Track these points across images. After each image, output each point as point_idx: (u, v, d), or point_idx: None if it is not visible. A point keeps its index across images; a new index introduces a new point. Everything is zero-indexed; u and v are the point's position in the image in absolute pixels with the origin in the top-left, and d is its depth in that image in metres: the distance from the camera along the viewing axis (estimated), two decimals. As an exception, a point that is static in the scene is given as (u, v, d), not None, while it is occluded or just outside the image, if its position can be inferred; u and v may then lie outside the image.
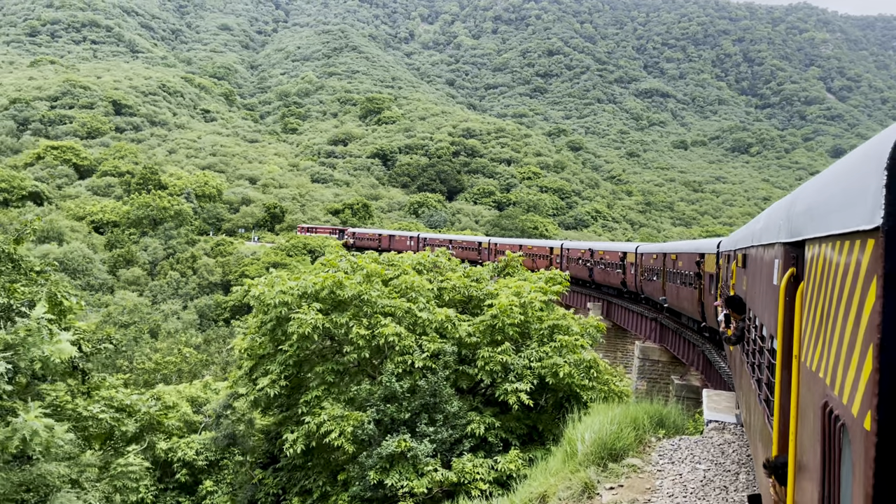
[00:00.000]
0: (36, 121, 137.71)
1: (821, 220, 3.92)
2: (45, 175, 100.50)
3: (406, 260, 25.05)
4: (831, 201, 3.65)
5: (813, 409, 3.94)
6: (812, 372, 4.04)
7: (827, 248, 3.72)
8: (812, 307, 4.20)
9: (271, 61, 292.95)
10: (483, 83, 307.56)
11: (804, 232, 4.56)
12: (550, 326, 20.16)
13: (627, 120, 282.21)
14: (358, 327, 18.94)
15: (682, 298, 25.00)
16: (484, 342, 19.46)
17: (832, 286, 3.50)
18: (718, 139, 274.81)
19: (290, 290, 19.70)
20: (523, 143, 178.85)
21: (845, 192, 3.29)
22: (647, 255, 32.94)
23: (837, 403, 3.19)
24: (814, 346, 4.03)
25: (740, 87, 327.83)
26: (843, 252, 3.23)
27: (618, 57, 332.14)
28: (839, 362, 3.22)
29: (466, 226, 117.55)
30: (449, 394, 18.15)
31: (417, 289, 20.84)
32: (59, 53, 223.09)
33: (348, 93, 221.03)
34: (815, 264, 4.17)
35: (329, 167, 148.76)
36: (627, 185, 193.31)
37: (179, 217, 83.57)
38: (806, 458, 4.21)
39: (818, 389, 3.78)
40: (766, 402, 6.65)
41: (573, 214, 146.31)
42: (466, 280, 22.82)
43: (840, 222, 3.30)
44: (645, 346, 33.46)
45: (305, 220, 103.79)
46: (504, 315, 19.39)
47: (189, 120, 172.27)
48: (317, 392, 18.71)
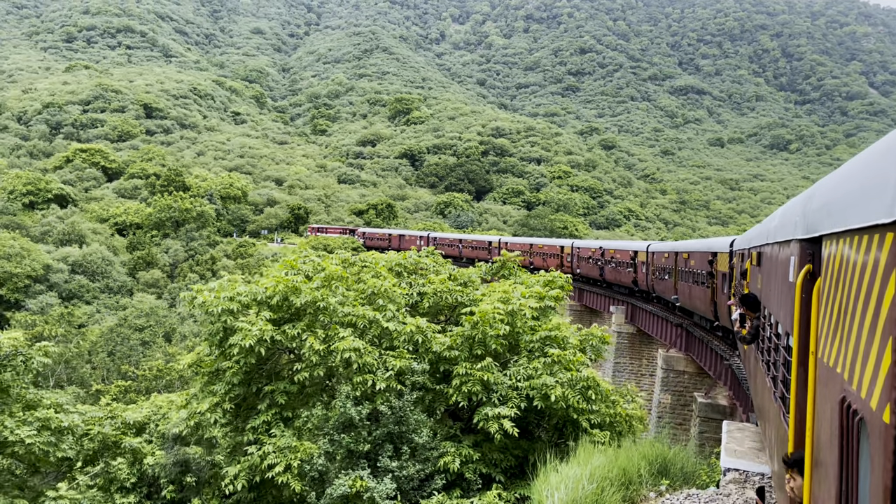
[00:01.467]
0: (68, 125, 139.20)
1: (839, 216, 3.88)
2: (73, 178, 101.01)
3: (382, 261, 22.22)
4: (850, 196, 3.59)
5: (830, 405, 3.93)
6: (829, 367, 4.04)
7: (845, 244, 3.72)
8: (829, 303, 4.20)
9: (302, 64, 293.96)
10: (514, 83, 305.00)
11: (821, 228, 4.52)
12: (542, 338, 17.34)
13: (662, 118, 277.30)
14: (312, 340, 16.09)
15: (695, 297, 24.78)
16: (462, 357, 16.66)
17: (850, 281, 3.48)
18: (756, 136, 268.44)
19: (238, 297, 16.91)
20: (553, 141, 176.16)
21: (864, 187, 3.25)
22: (658, 254, 32.56)
23: (856, 398, 3.20)
24: (831, 341, 4.03)
25: (779, 82, 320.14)
26: (862, 247, 3.23)
27: (652, 54, 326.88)
28: (857, 357, 3.22)
29: (494, 226, 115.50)
30: (419, 420, 15.34)
31: (386, 295, 18.08)
32: (94, 59, 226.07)
33: (378, 94, 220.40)
34: (832, 260, 4.16)
35: (357, 168, 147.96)
36: (661, 183, 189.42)
37: (201, 219, 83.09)
38: (823, 453, 4.19)
39: (836, 385, 3.78)
40: (782, 400, 6.64)
41: (605, 214, 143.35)
42: (451, 284, 19.78)
43: (859, 217, 3.27)
44: (669, 355, 30.59)
45: (329, 220, 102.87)
46: (486, 325, 16.63)
47: (219, 122, 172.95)
48: (266, 416, 15.97)
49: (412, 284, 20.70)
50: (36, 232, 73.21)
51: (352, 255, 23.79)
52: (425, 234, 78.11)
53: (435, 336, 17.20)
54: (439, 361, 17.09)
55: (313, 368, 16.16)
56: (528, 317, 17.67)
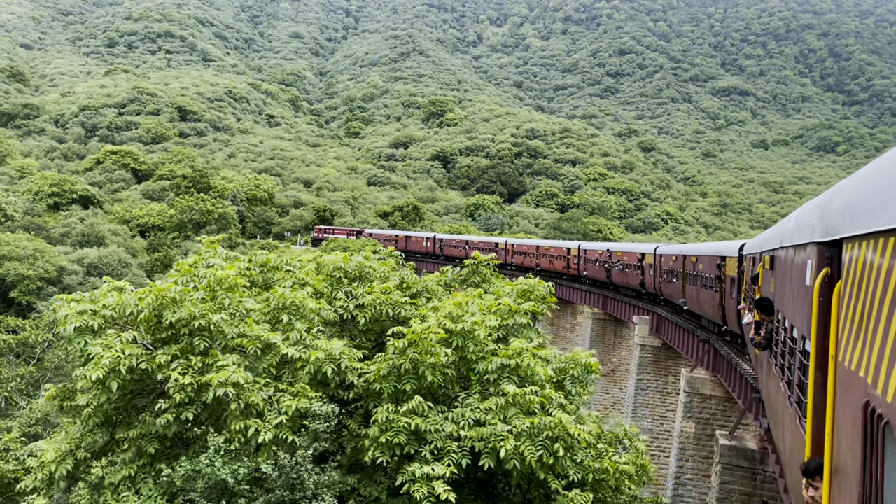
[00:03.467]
0: (103, 127, 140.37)
1: (862, 218, 3.83)
2: (102, 179, 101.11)
3: (315, 262, 18.18)
4: (874, 198, 3.51)
5: (852, 409, 3.87)
6: (851, 371, 3.97)
7: (868, 247, 3.65)
8: (851, 306, 4.14)
9: (339, 67, 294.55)
10: (552, 84, 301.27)
11: (842, 230, 4.49)
12: (499, 368, 13.22)
13: (703, 119, 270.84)
14: (176, 372, 12.08)
15: (703, 301, 24.28)
16: (387, 394, 12.87)
17: (874, 284, 3.41)
18: (802, 138, 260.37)
19: (102, 311, 12.87)
20: (590, 143, 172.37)
21: (890, 188, 3.16)
22: (666, 257, 32.06)
23: (881, 402, 3.11)
24: (853, 345, 3.98)
25: (826, 83, 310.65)
26: (888, 249, 3.15)
27: (693, 55, 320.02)
28: (883, 360, 3.13)
29: (525, 229, 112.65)
30: (321, 483, 11.61)
31: (295, 309, 14.14)
32: (134, 63, 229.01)
33: (413, 96, 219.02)
34: (854, 263, 4.10)
35: (388, 170, 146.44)
36: (702, 186, 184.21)
37: (223, 220, 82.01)
38: (844, 458, 4.12)
39: (859, 389, 3.71)
40: (798, 405, 6.57)
41: (641, 217, 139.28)
42: (396, 294, 15.54)
43: (885, 218, 3.21)
44: (693, 375, 26.77)
45: (355, 222, 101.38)
46: (421, 350, 12.62)
47: (253, 125, 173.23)
48: (127, 470, 12.18)
49: (351, 295, 16.63)
50: (56, 233, 72.81)
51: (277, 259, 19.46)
52: (432, 236, 78.55)
53: (353, 365, 13.26)
54: (368, 398, 13.55)
55: (179, 410, 12.17)
56: (483, 338, 13.73)
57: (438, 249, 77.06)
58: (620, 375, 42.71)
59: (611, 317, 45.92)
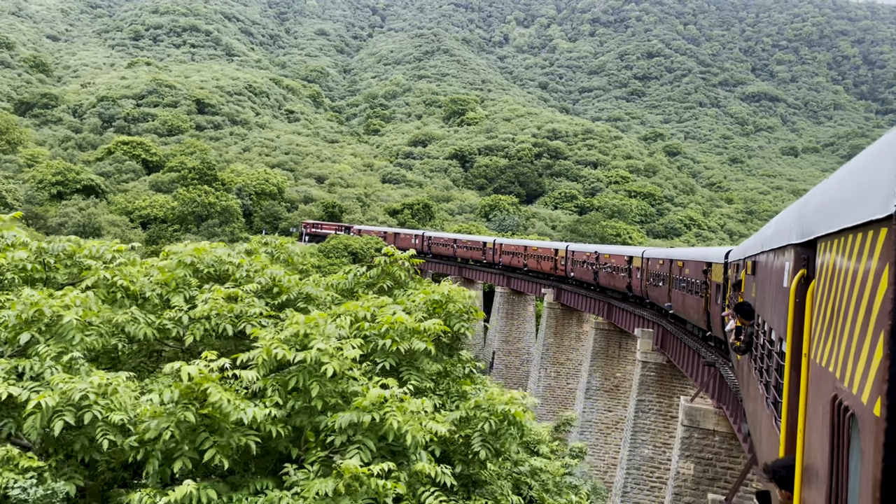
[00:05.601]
0: (120, 118, 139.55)
1: (834, 216, 3.94)
2: (111, 170, 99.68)
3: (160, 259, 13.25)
4: (845, 196, 3.67)
5: (822, 404, 3.94)
6: (821, 367, 4.06)
7: (839, 244, 3.76)
8: (822, 303, 4.23)
9: (363, 65, 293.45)
10: (577, 87, 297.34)
11: (816, 230, 4.60)
12: (352, 425, 8.89)
13: (732, 125, 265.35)
14: None
15: (688, 306, 24.11)
16: (151, 469, 8.60)
17: (843, 280, 3.52)
18: (833, 146, 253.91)
19: None
20: (612, 144, 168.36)
21: (859, 185, 3.32)
22: (653, 261, 31.96)
23: (847, 394, 3.23)
24: (823, 341, 4.06)
25: (859, 91, 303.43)
26: (856, 244, 3.26)
27: (723, 59, 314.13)
28: (849, 353, 3.24)
29: (541, 230, 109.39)
30: None
31: (50, 325, 10.05)
32: (158, 56, 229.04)
33: (435, 94, 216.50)
34: (826, 261, 4.20)
35: (405, 168, 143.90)
36: (728, 192, 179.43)
37: (226, 213, 79.93)
38: (813, 452, 4.19)
39: (827, 383, 3.79)
40: (774, 405, 6.65)
41: (663, 222, 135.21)
42: (256, 302, 11.33)
43: (853, 215, 3.33)
44: (694, 406, 22.86)
45: (364, 219, 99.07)
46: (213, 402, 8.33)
47: (271, 120, 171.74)
48: None
49: (191, 301, 11.89)
50: (54, 223, 71.06)
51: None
52: (420, 233, 78.68)
53: (111, 417, 8.65)
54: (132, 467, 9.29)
55: None
56: (340, 376, 9.40)
57: (426, 247, 76.57)
58: (625, 392, 39.06)
59: (615, 327, 42.52)
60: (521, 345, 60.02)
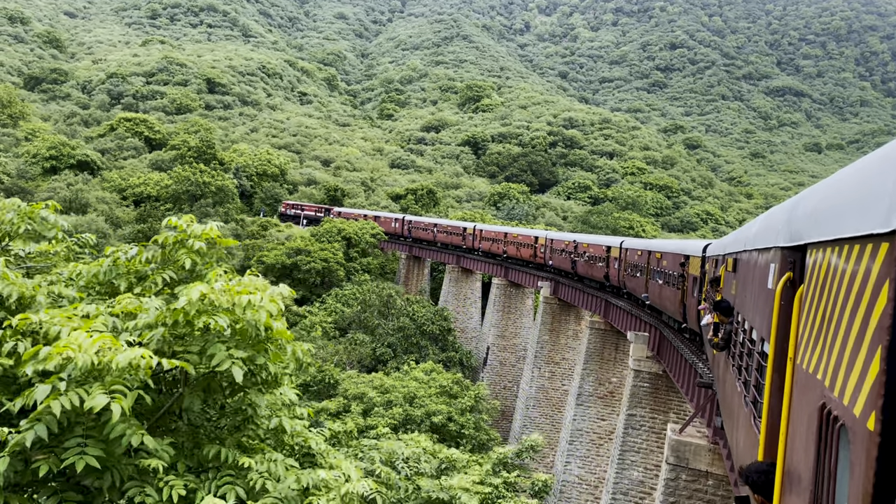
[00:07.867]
0: (129, 95, 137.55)
1: (828, 224, 3.84)
2: (112, 147, 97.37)
3: None
4: (842, 205, 3.58)
5: (808, 411, 3.90)
6: (809, 374, 4.00)
7: (833, 253, 3.67)
8: (812, 310, 4.17)
9: (381, 50, 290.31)
10: (598, 76, 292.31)
11: (806, 236, 4.54)
12: None
13: (755, 119, 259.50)
14: None
15: (665, 298, 24.05)
16: None
17: (837, 290, 3.45)
18: (858, 143, 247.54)
19: None
20: (630, 135, 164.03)
21: (859, 197, 3.22)
22: (631, 251, 31.85)
23: (837, 404, 3.18)
24: (812, 347, 4.00)
25: (887, 87, 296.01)
26: (853, 256, 3.19)
27: (748, 52, 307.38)
28: (841, 364, 3.20)
29: (551, 220, 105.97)
30: None
31: None
32: (174, 35, 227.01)
33: (451, 80, 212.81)
34: (817, 269, 4.10)
35: (416, 154, 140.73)
36: (748, 187, 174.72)
37: (221, 193, 77.33)
38: (797, 458, 4.14)
39: (815, 391, 3.75)
40: (754, 404, 6.59)
41: (679, 216, 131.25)
42: None
43: (851, 226, 3.26)
44: (681, 439, 18.36)
45: (367, 203, 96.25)
46: None
47: (283, 102, 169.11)
48: None
49: None
50: (40, 198, 68.49)
51: None
52: (400, 217, 78.17)
53: None
54: None
55: None
56: None
57: (407, 231, 75.81)
58: (619, 399, 35.41)
59: (612, 327, 38.95)
60: (517, 340, 56.97)
